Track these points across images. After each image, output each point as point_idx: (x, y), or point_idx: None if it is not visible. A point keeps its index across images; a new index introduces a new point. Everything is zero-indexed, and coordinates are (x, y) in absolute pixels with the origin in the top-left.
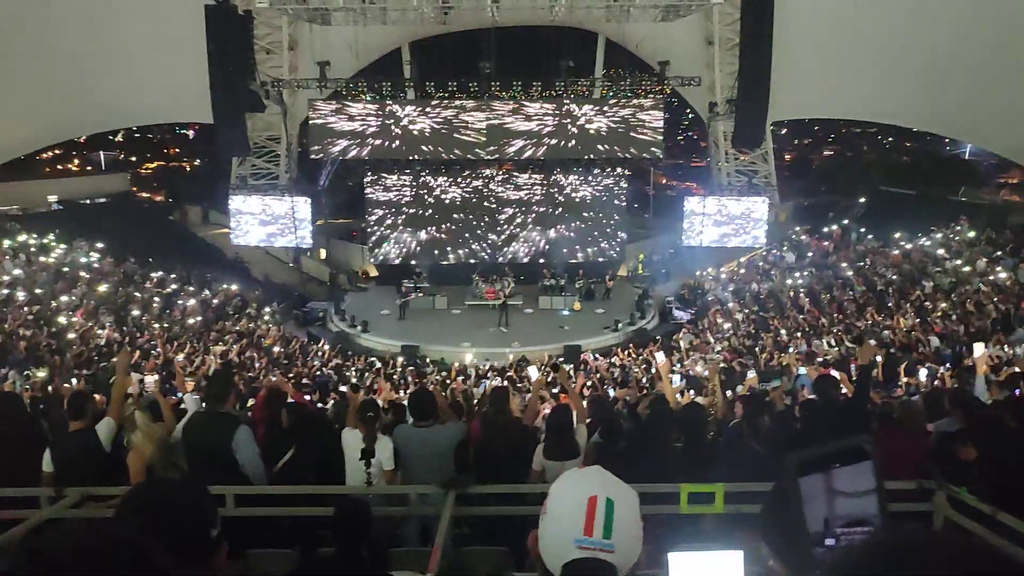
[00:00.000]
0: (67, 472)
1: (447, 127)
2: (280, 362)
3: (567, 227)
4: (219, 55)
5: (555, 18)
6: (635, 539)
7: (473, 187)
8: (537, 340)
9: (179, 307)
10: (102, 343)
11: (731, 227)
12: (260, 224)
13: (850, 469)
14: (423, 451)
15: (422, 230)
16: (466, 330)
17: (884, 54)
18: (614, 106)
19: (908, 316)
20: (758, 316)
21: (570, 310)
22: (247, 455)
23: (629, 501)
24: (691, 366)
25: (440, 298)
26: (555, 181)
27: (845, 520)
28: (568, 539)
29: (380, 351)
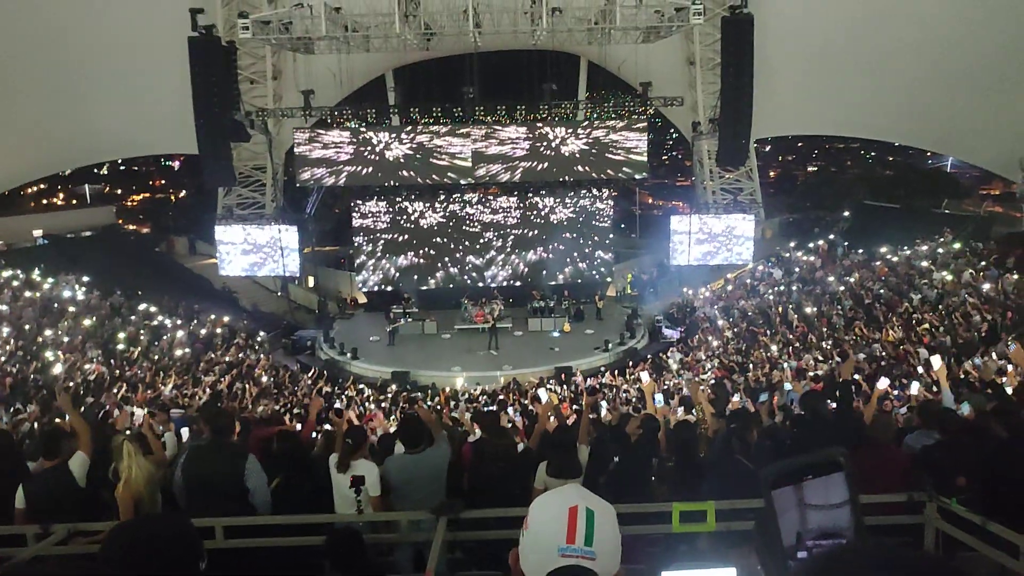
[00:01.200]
0: (41, 509)
1: (430, 153)
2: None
3: (553, 249)
4: (203, 86)
5: (537, 42)
6: (615, 550)
7: (456, 212)
8: (528, 362)
9: (167, 339)
10: (91, 378)
11: (718, 245)
12: (247, 253)
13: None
14: (416, 477)
15: (404, 255)
16: (456, 354)
17: (865, 70)
18: (598, 128)
19: (896, 329)
20: (747, 332)
21: (560, 331)
22: (258, 485)
23: (608, 513)
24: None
25: (429, 323)
26: (540, 204)
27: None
28: (551, 548)
29: (371, 377)
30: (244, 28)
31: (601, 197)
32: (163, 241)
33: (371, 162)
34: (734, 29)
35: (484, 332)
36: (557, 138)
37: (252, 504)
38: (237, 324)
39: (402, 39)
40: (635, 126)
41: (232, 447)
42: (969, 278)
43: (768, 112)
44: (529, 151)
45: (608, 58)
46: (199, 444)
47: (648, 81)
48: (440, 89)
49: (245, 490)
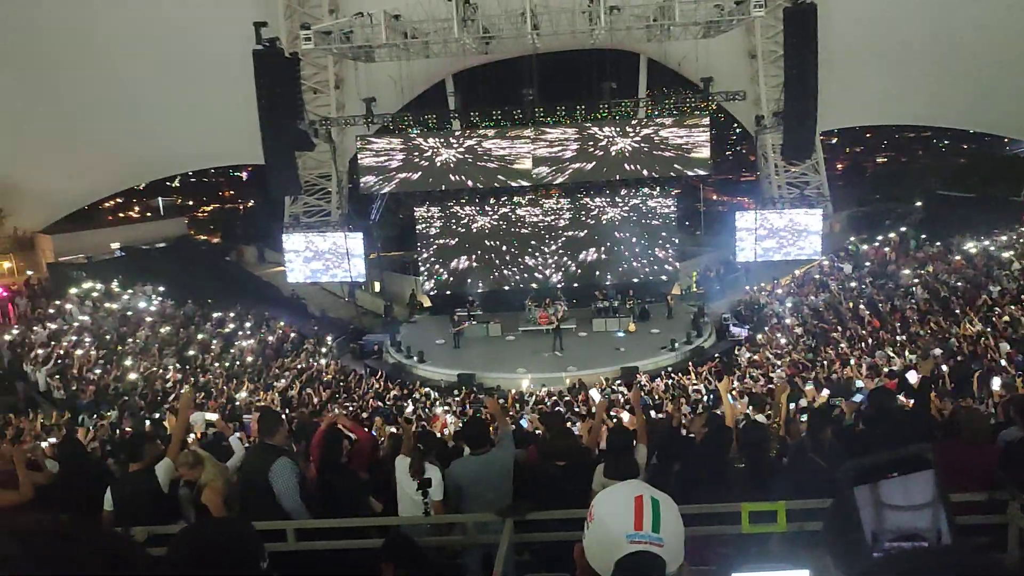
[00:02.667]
0: (126, 512)
1: (480, 156)
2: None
3: (612, 249)
4: (268, 97)
5: (596, 41)
6: (680, 540)
7: (509, 214)
8: (593, 363)
9: (239, 346)
10: (168, 385)
11: (785, 240)
12: (314, 260)
13: (908, 479)
14: (483, 478)
15: (457, 259)
16: (521, 356)
17: (935, 55)
18: (660, 125)
19: (975, 323)
20: (818, 329)
21: (625, 331)
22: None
23: (671, 504)
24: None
25: (493, 325)
26: (596, 204)
27: (896, 534)
28: (619, 535)
29: (436, 380)
30: (306, 39)
31: (661, 195)
32: (233, 250)
33: (421, 167)
34: (797, 19)
35: (548, 333)
36: (609, 138)
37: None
38: (306, 330)
39: (461, 43)
40: (694, 122)
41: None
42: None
43: (834, 103)
44: (601, 150)
45: (668, 54)
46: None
47: (709, 76)
48: (499, 92)
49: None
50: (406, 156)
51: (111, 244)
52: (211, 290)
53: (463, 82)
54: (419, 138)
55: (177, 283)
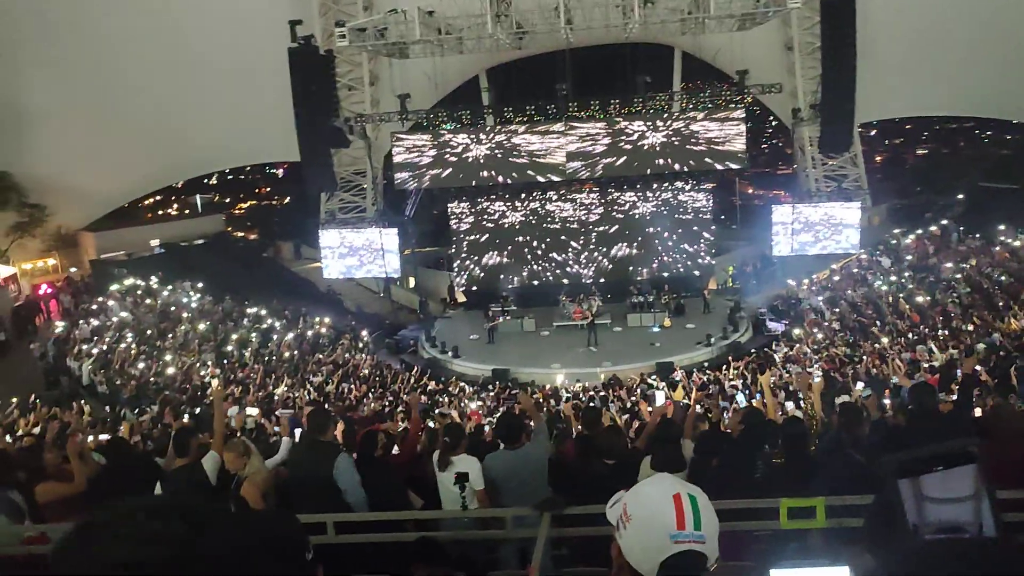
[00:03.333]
0: None
1: (520, 151)
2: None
3: (645, 243)
4: (303, 95)
5: (629, 35)
6: (716, 534)
7: (543, 210)
8: (628, 358)
9: (276, 341)
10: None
11: (822, 234)
12: (350, 256)
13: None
14: (517, 473)
15: (488, 254)
16: (555, 351)
17: (975, 44)
18: (691, 119)
19: (1019, 317)
20: (856, 324)
21: (660, 326)
22: (348, 482)
23: (706, 499)
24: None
25: (528, 320)
26: (630, 198)
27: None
28: (663, 536)
29: (471, 375)
30: (341, 36)
31: (694, 189)
32: (270, 246)
33: (452, 163)
34: (834, 11)
35: (583, 329)
36: (640, 132)
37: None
38: (342, 325)
39: (494, 39)
40: (725, 115)
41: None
42: None
43: (872, 95)
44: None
45: (703, 47)
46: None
47: (745, 69)
48: (533, 87)
49: (338, 489)
50: (437, 152)
51: (151, 241)
52: (248, 286)
53: (497, 77)
54: (449, 134)
55: (215, 279)
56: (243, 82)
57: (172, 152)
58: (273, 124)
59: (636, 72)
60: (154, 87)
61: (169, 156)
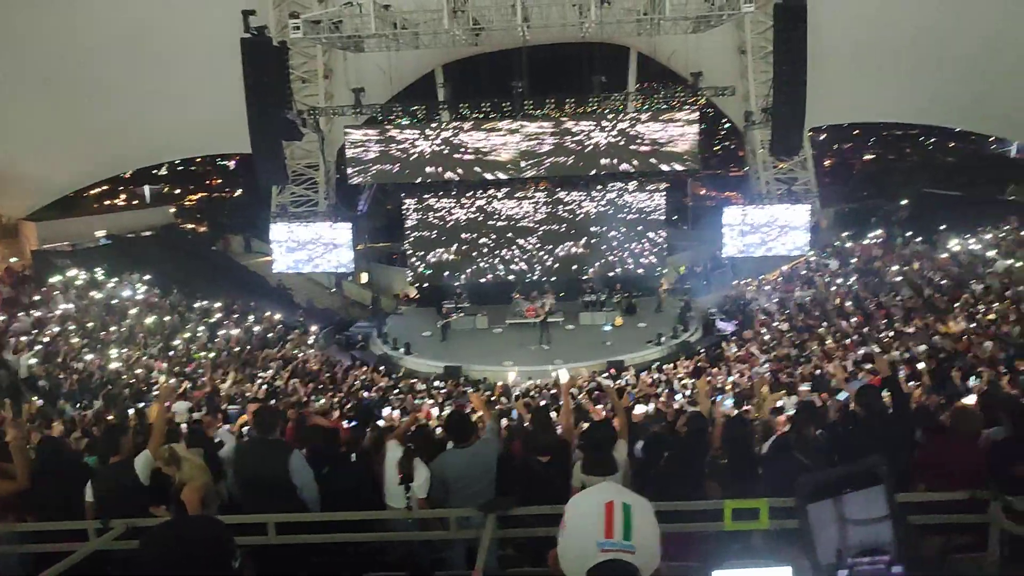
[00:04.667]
0: (107, 504)
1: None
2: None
3: (597, 242)
4: (256, 86)
5: (586, 34)
6: (654, 544)
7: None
8: (580, 356)
9: (224, 336)
10: (152, 374)
11: (772, 236)
12: (300, 251)
13: (864, 494)
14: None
15: (444, 250)
16: (508, 349)
17: (922, 53)
18: (648, 119)
19: (959, 320)
20: (803, 324)
21: (612, 325)
22: (304, 480)
23: (645, 508)
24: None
25: (481, 317)
26: (582, 197)
27: (859, 549)
28: (590, 544)
29: (423, 372)
30: (295, 28)
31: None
32: (220, 239)
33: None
34: (786, 16)
35: (536, 326)
36: (617, 130)
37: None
38: (292, 320)
39: (451, 35)
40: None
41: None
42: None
43: (822, 100)
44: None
45: (658, 49)
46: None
47: (699, 71)
48: (489, 84)
49: (292, 486)
50: (382, 147)
51: (96, 232)
52: (197, 279)
53: (453, 74)
54: (395, 129)
55: (163, 272)
56: (195, 72)
57: (120, 141)
58: (225, 115)
59: (592, 72)
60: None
61: (117, 145)
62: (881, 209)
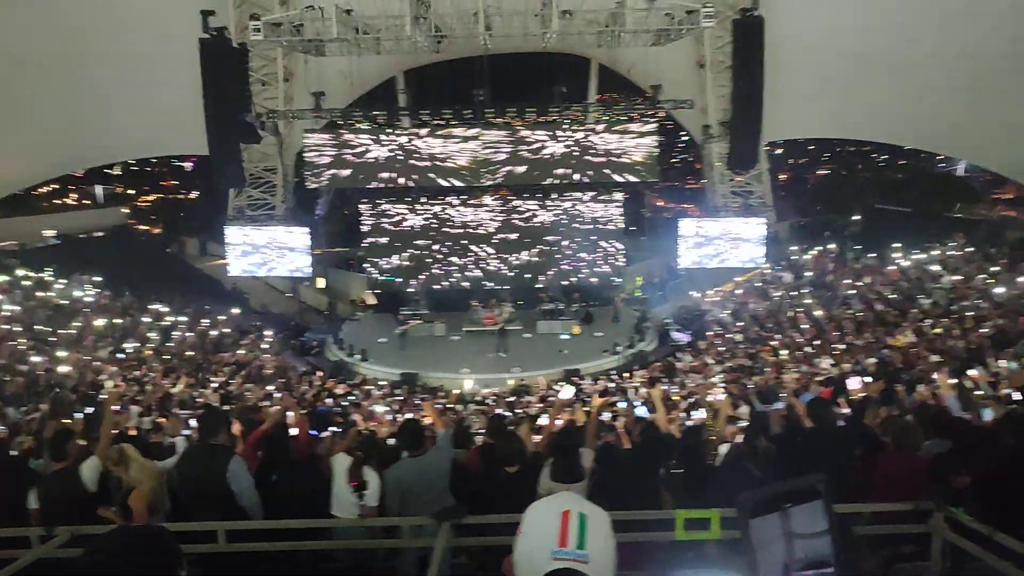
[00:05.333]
0: (52, 511)
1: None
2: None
3: (553, 251)
4: (214, 88)
5: (547, 45)
6: (609, 554)
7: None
8: (537, 365)
9: (177, 339)
10: (100, 377)
11: (723, 248)
12: (255, 254)
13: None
14: (420, 480)
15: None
16: (465, 356)
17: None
18: (607, 130)
19: (907, 333)
20: (757, 336)
21: (569, 334)
22: (242, 486)
23: (602, 518)
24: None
25: (438, 325)
26: (537, 206)
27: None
28: (544, 552)
29: (379, 379)
30: (255, 30)
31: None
32: (174, 241)
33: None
34: (745, 32)
35: (493, 334)
36: (576, 140)
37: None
38: (246, 325)
39: (413, 41)
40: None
41: (217, 448)
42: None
43: (779, 115)
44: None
45: (618, 61)
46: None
47: (658, 84)
48: (451, 91)
49: (231, 492)
50: (336, 152)
51: (45, 231)
52: (150, 282)
53: (414, 80)
54: (349, 133)
55: (115, 274)
56: (152, 71)
57: (73, 139)
58: (182, 116)
59: (553, 82)
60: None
61: (69, 143)
62: (834, 223)
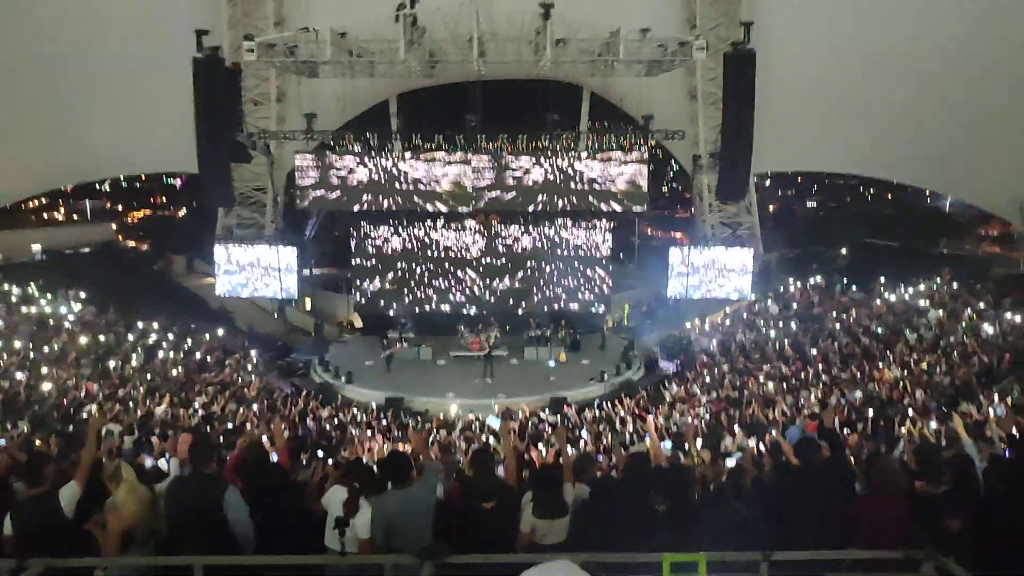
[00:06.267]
0: (27, 539)
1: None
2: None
3: (536, 277)
4: (206, 107)
5: (541, 72)
6: None
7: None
8: (522, 391)
9: (161, 358)
10: (82, 395)
11: (715, 278)
12: (245, 274)
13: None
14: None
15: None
16: (451, 381)
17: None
18: (599, 159)
19: (893, 368)
20: (744, 367)
21: (556, 361)
22: (238, 516)
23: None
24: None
25: (425, 348)
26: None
27: None
28: None
29: (364, 402)
30: (249, 51)
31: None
32: (161, 259)
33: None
34: (736, 64)
35: (480, 359)
36: (568, 167)
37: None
38: (232, 345)
39: (406, 65)
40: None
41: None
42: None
43: (768, 147)
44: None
45: (611, 90)
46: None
47: (650, 114)
48: (443, 116)
49: (225, 521)
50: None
51: (32, 246)
52: (136, 299)
53: (407, 104)
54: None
55: (100, 290)
56: (145, 88)
57: (63, 154)
58: (174, 133)
59: (546, 108)
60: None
61: (59, 158)
62: (821, 256)
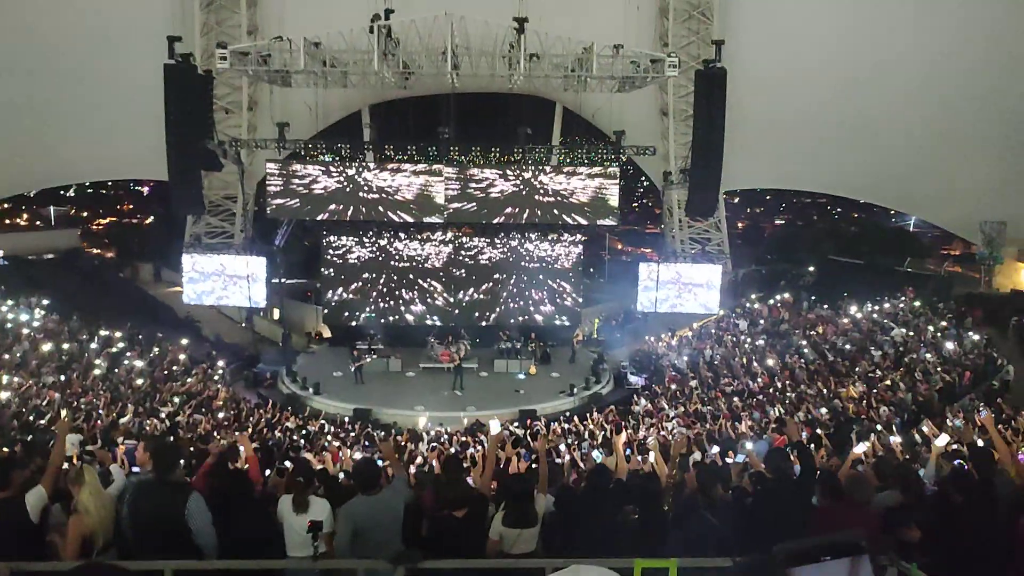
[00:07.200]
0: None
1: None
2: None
3: (522, 291)
4: (177, 114)
5: (514, 86)
6: None
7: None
8: (492, 404)
9: (126, 367)
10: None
11: (684, 293)
12: (213, 283)
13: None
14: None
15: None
16: (420, 393)
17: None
18: (570, 173)
19: (858, 384)
20: (711, 381)
21: (526, 374)
22: (200, 524)
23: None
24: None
25: (394, 360)
26: (510, 246)
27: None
28: None
29: (332, 414)
30: (222, 58)
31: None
32: (128, 267)
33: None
34: (707, 82)
35: (449, 371)
36: (538, 181)
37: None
38: (198, 354)
39: (380, 77)
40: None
41: (175, 484)
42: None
43: (738, 165)
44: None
45: (583, 105)
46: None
47: (622, 130)
48: (415, 127)
49: (189, 530)
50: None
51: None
52: (101, 306)
53: (380, 114)
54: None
55: (64, 297)
56: (114, 94)
57: (27, 159)
58: (142, 140)
59: (519, 122)
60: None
61: (23, 163)
62: (789, 273)
